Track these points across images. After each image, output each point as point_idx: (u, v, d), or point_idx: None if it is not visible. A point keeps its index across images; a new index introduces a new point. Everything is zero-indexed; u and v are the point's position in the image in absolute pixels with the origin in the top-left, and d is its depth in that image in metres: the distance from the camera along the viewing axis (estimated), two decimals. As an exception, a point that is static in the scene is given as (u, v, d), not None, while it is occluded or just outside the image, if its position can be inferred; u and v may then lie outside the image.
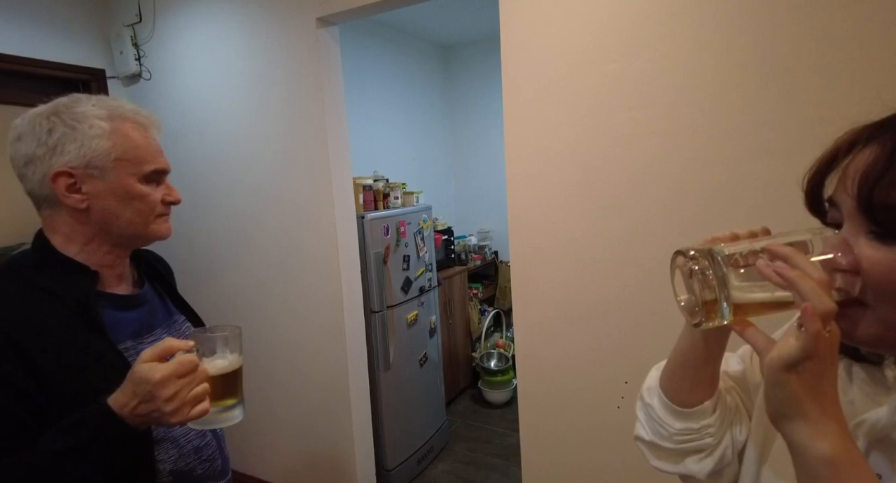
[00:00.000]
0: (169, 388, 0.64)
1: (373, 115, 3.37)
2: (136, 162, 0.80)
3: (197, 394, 0.67)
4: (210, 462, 0.88)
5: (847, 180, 0.45)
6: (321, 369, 2.26)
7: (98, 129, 0.78)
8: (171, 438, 0.82)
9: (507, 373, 3.36)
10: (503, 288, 3.91)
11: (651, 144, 1.43)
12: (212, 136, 2.35)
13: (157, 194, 0.83)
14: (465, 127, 4.26)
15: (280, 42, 2.10)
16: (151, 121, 0.85)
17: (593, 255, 1.56)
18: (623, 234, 1.51)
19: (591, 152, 1.52)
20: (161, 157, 0.84)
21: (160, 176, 0.84)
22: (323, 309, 2.22)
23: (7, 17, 2.14)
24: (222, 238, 2.38)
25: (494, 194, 4.14)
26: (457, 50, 4.20)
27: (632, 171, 1.47)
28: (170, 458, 0.81)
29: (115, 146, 0.78)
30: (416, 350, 2.70)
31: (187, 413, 0.66)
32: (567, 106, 1.54)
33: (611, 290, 1.55)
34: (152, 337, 0.85)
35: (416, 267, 2.72)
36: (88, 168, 0.77)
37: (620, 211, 1.51)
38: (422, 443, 2.68)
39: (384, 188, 2.67)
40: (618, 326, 1.55)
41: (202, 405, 0.67)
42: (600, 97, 1.48)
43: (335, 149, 2.12)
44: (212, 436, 0.90)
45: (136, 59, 2.42)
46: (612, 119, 1.48)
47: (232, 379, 0.73)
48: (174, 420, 0.65)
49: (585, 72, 1.50)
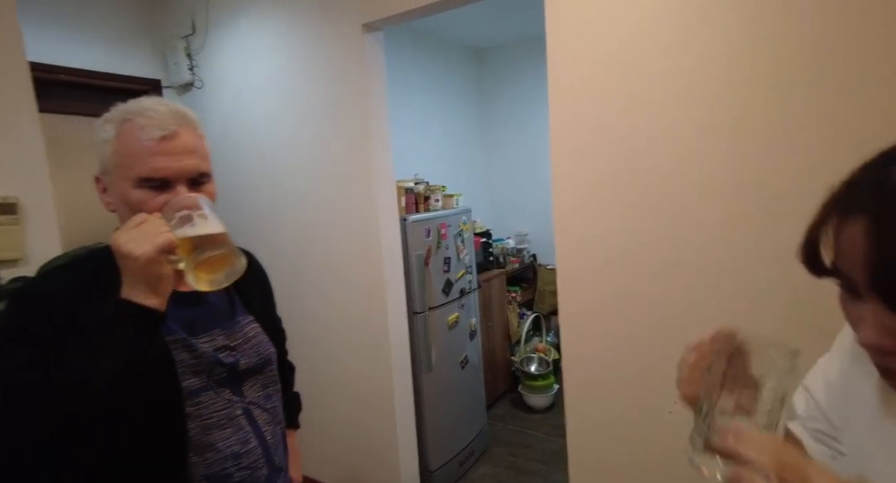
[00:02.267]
0: (122, 235, 0.66)
1: (410, 119, 3.40)
2: (126, 167, 0.74)
3: (152, 226, 0.67)
4: (251, 470, 0.83)
5: (848, 257, 0.43)
6: (366, 369, 2.28)
7: (106, 134, 0.76)
8: (207, 443, 0.79)
9: (548, 378, 3.31)
10: (542, 291, 3.87)
11: (702, 143, 1.39)
12: (259, 141, 2.42)
13: (157, 201, 0.74)
14: (500, 130, 4.24)
15: (326, 49, 2.15)
16: (157, 120, 0.75)
17: (641, 257, 1.53)
18: (672, 235, 1.47)
19: (639, 151, 1.49)
20: (156, 161, 0.73)
21: (161, 181, 0.75)
22: (367, 309, 2.24)
23: (73, 33, 2.27)
24: (268, 241, 2.44)
25: (531, 197, 4.10)
26: (490, 53, 4.21)
27: (682, 169, 1.43)
28: (205, 462, 0.78)
29: (115, 151, 0.75)
30: (456, 352, 2.70)
31: (148, 242, 0.65)
32: (613, 104, 1.51)
33: (659, 292, 1.51)
34: (208, 337, 0.82)
35: (457, 269, 2.72)
36: (104, 174, 0.78)
37: (669, 210, 1.46)
38: (463, 445, 2.67)
39: (425, 191, 2.68)
40: (668, 329, 1.51)
41: (164, 235, 0.67)
42: (648, 94, 1.45)
43: (378, 153, 2.14)
44: (257, 443, 0.85)
45: (189, 68, 2.52)
46: (661, 116, 1.44)
47: (213, 237, 0.71)
48: (138, 252, 0.64)
49: (632, 69, 1.47)
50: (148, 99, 0.80)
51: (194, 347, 0.79)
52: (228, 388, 0.83)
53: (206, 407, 0.79)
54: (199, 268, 0.70)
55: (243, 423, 0.84)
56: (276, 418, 0.91)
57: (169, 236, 0.67)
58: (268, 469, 0.87)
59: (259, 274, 1.03)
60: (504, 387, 3.54)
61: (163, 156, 0.74)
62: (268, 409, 0.89)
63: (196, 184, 0.78)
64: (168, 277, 0.69)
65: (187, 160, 0.77)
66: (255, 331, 0.91)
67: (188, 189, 0.77)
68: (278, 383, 0.94)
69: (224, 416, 0.81)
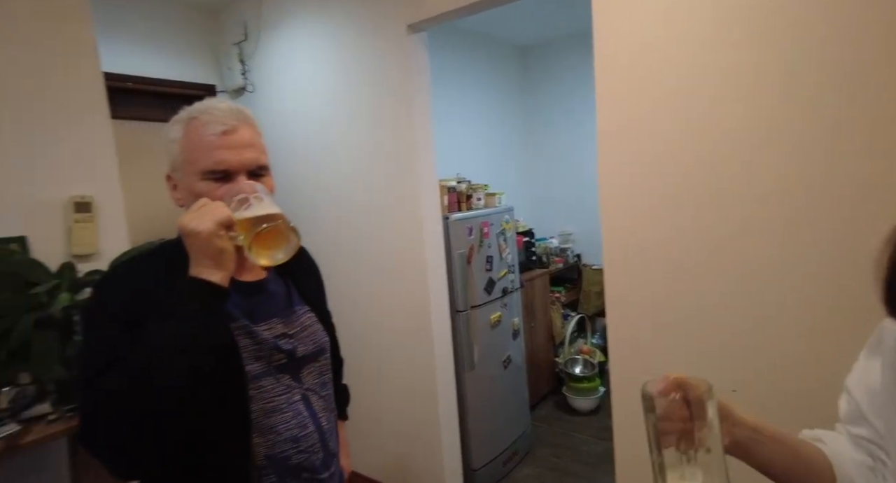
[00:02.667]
0: (187, 216, 0.73)
1: (453, 118, 3.42)
2: (192, 161, 0.80)
3: (213, 207, 0.73)
4: (309, 453, 0.87)
5: None
6: (409, 366, 2.31)
7: (175, 134, 0.82)
8: (268, 426, 0.83)
9: (594, 380, 3.25)
10: (587, 292, 3.80)
11: (761, 139, 1.33)
12: (306, 143, 2.50)
13: (220, 192, 0.79)
14: (545, 128, 4.20)
15: (371, 51, 2.19)
16: (219, 117, 0.80)
17: (693, 257, 1.47)
18: (725, 234, 1.41)
19: (690, 147, 1.43)
20: (219, 154, 0.79)
21: (224, 173, 0.80)
22: (410, 307, 2.27)
23: (139, 43, 2.42)
24: (315, 241, 2.52)
25: (576, 196, 4.04)
26: (535, 51, 4.17)
27: (737, 168, 1.37)
28: (266, 443, 0.82)
29: (183, 148, 0.81)
30: (499, 351, 2.69)
31: (209, 220, 0.71)
32: (664, 101, 1.46)
33: (712, 294, 1.45)
34: (268, 325, 0.86)
35: (499, 268, 2.71)
36: (174, 171, 0.84)
37: (722, 209, 1.40)
38: (506, 445, 2.66)
39: (467, 190, 2.69)
40: (720, 332, 1.44)
41: (222, 211, 0.73)
42: (703, 90, 1.40)
43: (422, 152, 2.17)
44: (314, 428, 0.89)
45: (242, 73, 2.64)
46: (716, 112, 1.39)
47: (270, 216, 0.76)
48: (200, 227, 0.71)
49: (687, 63, 1.42)
50: (210, 99, 0.85)
51: (255, 334, 0.84)
52: (288, 374, 0.87)
53: (267, 391, 0.83)
54: (256, 242, 0.73)
55: (301, 408, 0.88)
56: (329, 406, 0.95)
57: (227, 211, 0.73)
58: (323, 453, 0.90)
59: (313, 269, 1.09)
60: (547, 388, 3.50)
61: (224, 149, 0.79)
62: (323, 396, 0.93)
63: (255, 176, 0.83)
64: (229, 252, 0.74)
65: (247, 153, 0.82)
66: (311, 320, 0.95)
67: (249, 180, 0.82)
68: (331, 372, 0.98)
69: (284, 400, 0.85)
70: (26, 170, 1.59)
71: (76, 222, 1.64)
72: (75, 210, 1.64)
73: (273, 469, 0.83)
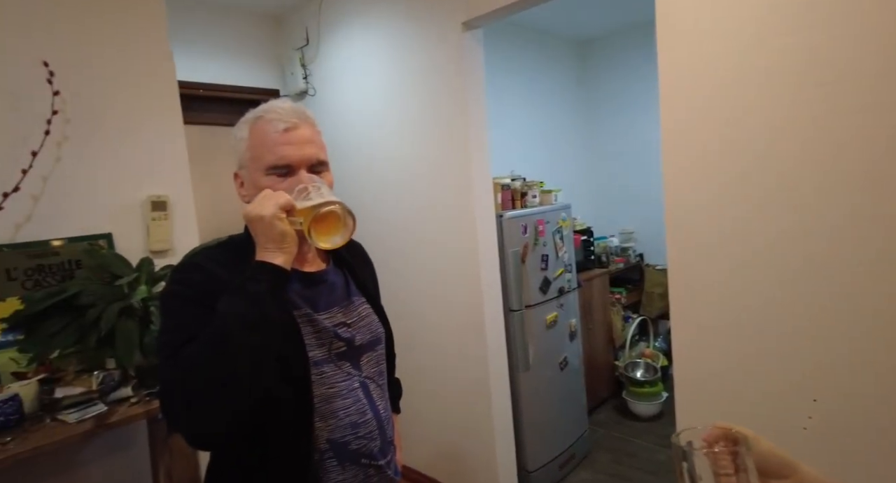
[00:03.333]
0: (249, 205, 0.79)
1: (507, 114, 3.38)
2: (258, 158, 0.85)
3: (277, 194, 0.78)
4: (367, 440, 0.90)
5: None
6: (463, 365, 2.31)
7: (242, 133, 0.88)
8: (330, 411, 0.86)
9: (656, 385, 3.11)
10: (650, 294, 3.64)
11: (842, 132, 1.20)
12: (363, 143, 2.56)
13: (282, 186, 0.83)
14: (604, 124, 4.06)
15: (426, 50, 2.21)
16: (282, 115, 0.85)
17: (766, 254, 1.36)
18: (801, 230, 1.29)
19: (762, 137, 1.33)
20: (281, 150, 0.83)
21: (286, 168, 0.84)
22: (463, 305, 2.27)
23: (205, 51, 2.58)
24: (370, 238, 2.57)
25: (638, 193, 3.88)
26: (593, 44, 4.04)
27: (816, 163, 1.25)
28: (327, 427, 0.85)
29: (249, 146, 0.86)
30: (555, 353, 2.63)
31: (273, 205, 0.76)
32: (735, 88, 1.36)
33: (789, 296, 1.33)
34: (328, 314, 0.90)
35: (555, 267, 2.65)
36: (241, 168, 0.90)
37: (795, 203, 1.29)
38: (563, 448, 2.60)
39: (522, 187, 2.65)
40: (798, 335, 1.32)
41: (285, 197, 0.78)
42: (777, 74, 1.29)
43: (476, 149, 2.16)
44: (372, 416, 0.91)
45: (304, 77, 2.74)
46: (792, 98, 1.28)
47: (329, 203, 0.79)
48: (266, 213, 0.76)
49: (756, 48, 1.31)
50: (273, 100, 0.90)
51: (317, 322, 0.87)
52: (348, 362, 0.91)
53: (328, 377, 0.87)
54: (315, 226, 0.78)
55: (360, 395, 0.91)
56: (385, 394, 0.98)
57: (287, 197, 0.78)
58: (381, 441, 0.93)
59: (368, 263, 1.12)
60: (606, 392, 3.38)
61: (286, 145, 0.84)
62: (380, 384, 0.97)
63: (315, 171, 0.88)
64: (291, 235, 0.78)
65: (307, 149, 0.86)
66: (368, 311, 0.98)
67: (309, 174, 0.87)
68: (385, 364, 1.01)
69: (344, 387, 0.89)
70: (112, 172, 1.73)
71: (153, 220, 1.77)
72: (152, 209, 1.77)
73: (334, 453, 0.86)
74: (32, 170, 1.53)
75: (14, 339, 1.51)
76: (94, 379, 1.50)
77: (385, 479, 0.94)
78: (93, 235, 1.68)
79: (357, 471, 0.89)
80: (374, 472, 0.91)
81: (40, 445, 1.28)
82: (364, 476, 0.90)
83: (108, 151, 1.72)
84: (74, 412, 1.41)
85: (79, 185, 1.66)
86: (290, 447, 0.83)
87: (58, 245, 1.62)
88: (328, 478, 0.86)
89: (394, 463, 0.98)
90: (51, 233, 1.61)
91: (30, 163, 1.52)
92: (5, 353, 1.50)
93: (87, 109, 1.68)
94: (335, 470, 0.86)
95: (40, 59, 1.55)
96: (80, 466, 1.64)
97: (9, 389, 1.40)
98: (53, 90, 1.57)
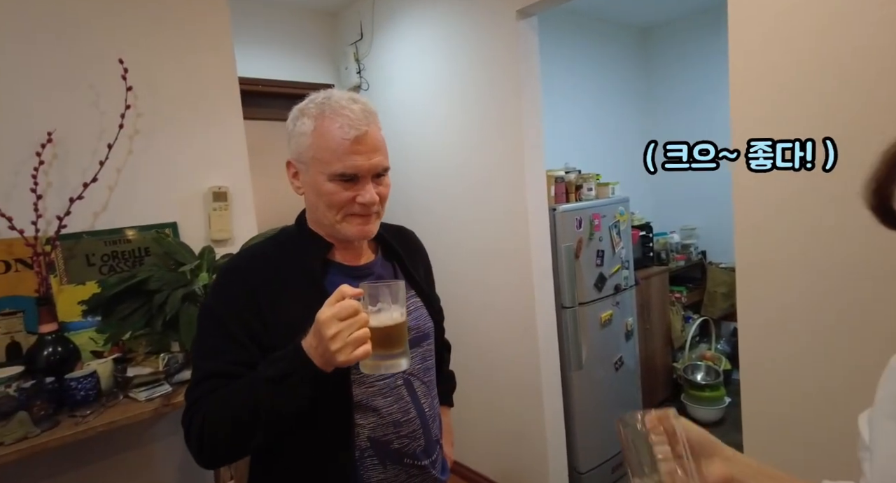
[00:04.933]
0: (331, 328, 0.68)
1: (564, 105, 3.28)
2: (324, 162, 0.81)
3: (357, 337, 0.69)
4: (410, 439, 0.88)
5: None
6: (513, 362, 2.27)
7: (305, 127, 0.83)
8: (372, 407, 0.84)
9: (718, 389, 2.94)
10: (713, 293, 3.44)
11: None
12: (417, 136, 2.56)
13: (345, 194, 0.81)
14: (667, 114, 3.87)
15: (480, 39, 2.17)
16: (352, 120, 0.81)
17: (848, 252, 1.24)
18: (873, 229, 1.15)
19: (842, 128, 1.20)
20: (351, 159, 0.80)
21: (352, 177, 0.82)
22: (514, 301, 2.22)
23: (263, 47, 2.66)
24: (417, 231, 2.57)
25: (701, 187, 3.67)
26: (655, 32, 3.85)
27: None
28: (369, 425, 0.84)
29: (312, 145, 0.82)
30: (610, 352, 2.53)
31: (350, 353, 0.68)
32: (816, 75, 1.24)
33: (862, 298, 1.20)
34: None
35: (611, 263, 2.55)
36: (298, 162, 0.86)
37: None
38: (616, 451, 2.50)
39: (576, 180, 2.56)
40: (879, 340, 1.19)
41: (364, 348, 0.69)
42: (866, 56, 1.16)
43: (529, 141, 2.10)
44: (416, 415, 0.89)
45: (358, 72, 2.77)
46: (885, 83, 1.14)
47: (396, 331, 0.74)
48: (340, 359, 0.68)
49: (841, 26, 1.18)
50: (339, 94, 0.85)
51: None
52: None
53: (369, 375, 0.85)
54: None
55: (403, 393, 0.88)
56: (432, 392, 0.95)
57: (367, 349, 0.70)
58: (424, 441, 0.90)
59: (420, 252, 1.09)
60: (664, 395, 3.23)
61: (356, 155, 0.81)
62: (425, 381, 0.93)
63: (378, 177, 0.86)
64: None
65: (375, 158, 0.83)
66: (416, 305, 0.95)
67: (372, 183, 0.84)
68: (434, 358, 0.98)
69: (386, 385, 0.87)
70: (177, 164, 1.82)
71: (214, 210, 1.84)
72: (213, 199, 1.85)
73: (375, 452, 0.85)
74: (108, 161, 1.63)
75: (93, 319, 1.62)
76: (160, 360, 1.59)
77: (429, 478, 0.91)
78: (160, 224, 1.77)
79: (399, 471, 0.87)
80: (417, 472, 0.89)
81: (115, 420, 1.36)
82: (406, 476, 0.88)
83: (174, 144, 1.81)
84: (144, 391, 1.49)
85: (148, 177, 1.76)
86: (331, 444, 0.83)
87: (131, 233, 1.72)
88: (369, 476, 0.84)
89: (440, 462, 0.96)
90: (123, 221, 1.71)
91: (106, 154, 1.62)
92: (86, 333, 1.62)
93: (157, 104, 1.77)
94: (376, 469, 0.85)
95: (117, 55, 1.65)
96: (148, 443, 1.75)
97: (88, 366, 1.50)
98: (127, 86, 1.66)
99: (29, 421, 1.28)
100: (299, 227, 0.92)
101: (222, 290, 0.85)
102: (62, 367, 1.44)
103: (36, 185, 1.50)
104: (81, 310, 1.61)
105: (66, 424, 1.33)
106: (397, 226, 1.07)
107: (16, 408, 1.29)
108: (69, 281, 1.61)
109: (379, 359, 0.73)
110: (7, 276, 1.51)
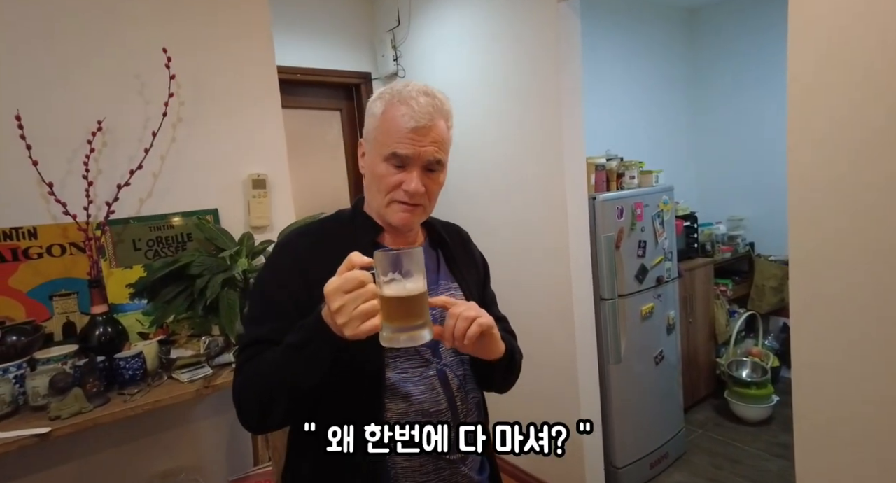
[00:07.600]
0: (336, 301, 0.65)
1: (606, 90, 3.17)
2: (382, 143, 0.84)
3: (364, 310, 0.65)
4: None
5: None
6: (549, 355, 2.23)
7: (376, 108, 0.86)
8: (402, 393, 0.84)
9: (765, 386, 2.81)
10: (761, 287, 3.28)
11: None
12: (455, 124, 2.52)
13: (394, 178, 0.83)
14: (715, 100, 3.69)
15: (520, 23, 2.11)
16: (416, 111, 0.83)
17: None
18: None
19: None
20: (404, 142, 0.82)
21: (403, 160, 0.83)
22: (552, 291, 2.18)
23: (301, 35, 2.67)
24: (455, 220, 2.55)
25: (750, 176, 3.50)
26: (702, 12, 3.66)
27: None
28: (398, 410, 0.83)
29: (377, 127, 0.85)
30: (650, 346, 2.45)
31: (356, 327, 0.65)
32: (886, 49, 1.13)
33: None
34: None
35: (654, 254, 2.46)
36: (366, 141, 0.89)
37: None
38: (655, 447, 2.44)
39: (618, 168, 2.48)
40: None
41: (371, 322, 0.65)
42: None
43: (569, 127, 2.04)
44: (447, 407, 0.87)
45: (394, 59, 2.75)
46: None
47: (413, 302, 0.69)
48: (347, 333, 0.65)
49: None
50: (415, 86, 0.88)
51: None
52: (428, 347, 0.87)
53: (403, 361, 0.85)
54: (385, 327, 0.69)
55: (436, 383, 0.87)
56: (465, 386, 0.92)
57: (374, 324, 0.66)
58: (454, 433, 0.87)
59: (468, 245, 1.09)
60: (706, 391, 3.12)
61: (409, 142, 0.82)
62: (458, 375, 0.91)
63: (430, 170, 0.86)
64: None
65: (428, 148, 0.84)
66: (457, 295, 0.93)
67: (422, 173, 0.84)
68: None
69: (418, 373, 0.86)
70: (218, 152, 1.85)
71: (253, 197, 1.87)
72: (253, 186, 1.87)
73: None
74: (153, 149, 1.67)
75: (139, 302, 1.68)
76: (201, 344, 1.63)
77: (457, 474, 0.89)
78: (202, 211, 1.81)
79: (425, 461, 0.85)
80: (446, 465, 0.87)
81: (160, 400, 1.41)
82: (434, 468, 0.86)
83: (215, 132, 1.84)
84: (186, 372, 1.54)
85: (190, 164, 1.80)
86: (360, 420, 0.82)
87: (175, 219, 1.77)
88: (395, 461, 0.84)
89: (475, 461, 0.93)
90: (167, 207, 1.76)
91: (151, 142, 1.66)
92: (133, 315, 1.68)
93: (198, 93, 1.81)
94: (402, 455, 0.84)
95: (160, 45, 1.68)
96: (192, 422, 1.81)
97: (136, 347, 1.56)
98: (170, 74, 1.69)
99: (83, 397, 1.34)
100: (354, 209, 0.95)
101: (274, 264, 0.89)
102: (111, 347, 1.51)
103: (87, 171, 1.56)
104: (129, 293, 1.67)
105: (115, 402, 1.39)
106: (454, 224, 1.10)
107: (71, 384, 1.35)
108: (118, 264, 1.67)
109: (397, 331, 0.69)
110: (63, 259, 1.58)
